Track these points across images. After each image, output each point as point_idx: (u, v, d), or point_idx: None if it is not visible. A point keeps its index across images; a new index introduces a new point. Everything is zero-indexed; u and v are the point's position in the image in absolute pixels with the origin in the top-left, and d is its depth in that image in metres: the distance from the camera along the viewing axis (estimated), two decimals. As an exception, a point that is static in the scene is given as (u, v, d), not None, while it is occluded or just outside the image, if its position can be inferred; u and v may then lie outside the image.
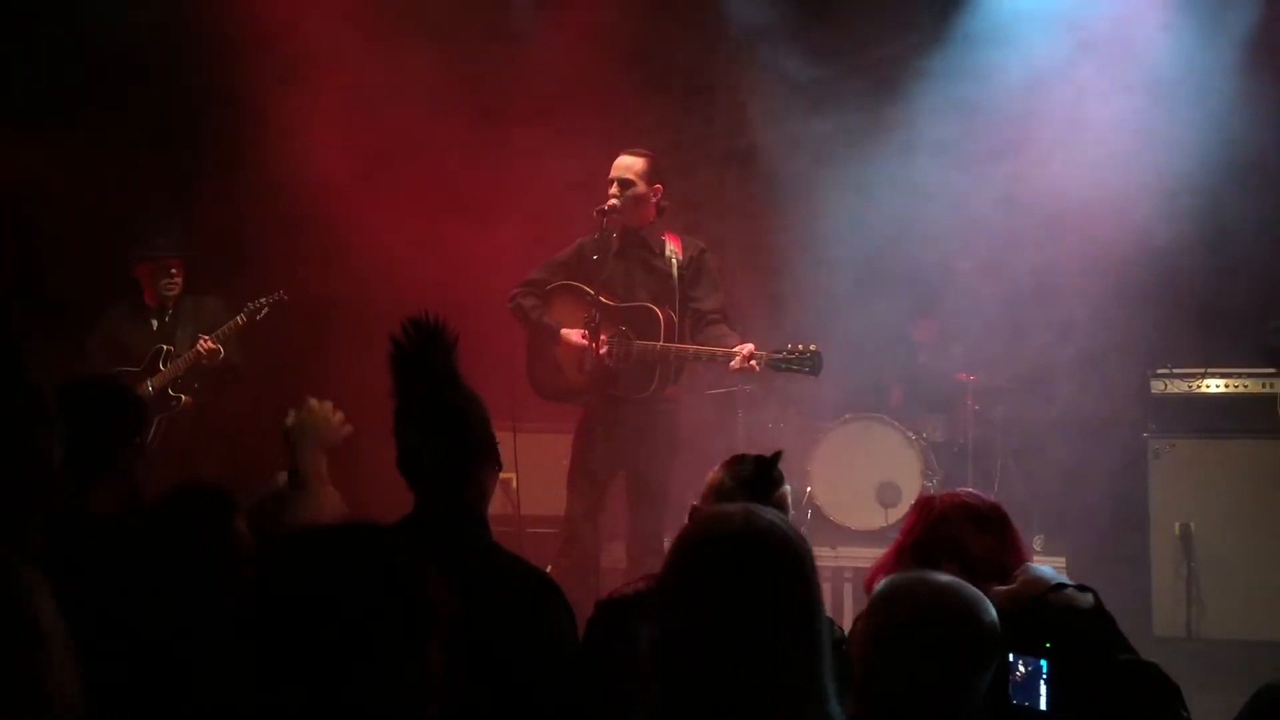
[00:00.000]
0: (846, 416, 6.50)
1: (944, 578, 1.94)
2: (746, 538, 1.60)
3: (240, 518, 2.11)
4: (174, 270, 5.66)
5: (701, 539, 1.65)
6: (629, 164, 4.70)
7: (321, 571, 1.46)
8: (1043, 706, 2.02)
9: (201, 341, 5.43)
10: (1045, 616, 2.13)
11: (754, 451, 2.64)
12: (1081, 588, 2.23)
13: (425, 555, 1.55)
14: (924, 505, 2.62)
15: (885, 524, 5.93)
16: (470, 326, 2.35)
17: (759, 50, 7.71)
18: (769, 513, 1.68)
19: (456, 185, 6.55)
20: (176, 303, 5.69)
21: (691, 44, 7.61)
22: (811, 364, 4.37)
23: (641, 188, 4.68)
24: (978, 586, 2.32)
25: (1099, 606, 2.25)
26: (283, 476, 2.53)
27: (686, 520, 2.56)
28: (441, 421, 2.20)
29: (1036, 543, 6.18)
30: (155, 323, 5.66)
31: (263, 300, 5.54)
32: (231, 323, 5.50)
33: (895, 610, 1.84)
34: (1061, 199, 7.39)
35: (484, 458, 2.26)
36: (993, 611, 1.88)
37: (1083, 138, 7.28)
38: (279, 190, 6.27)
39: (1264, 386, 5.43)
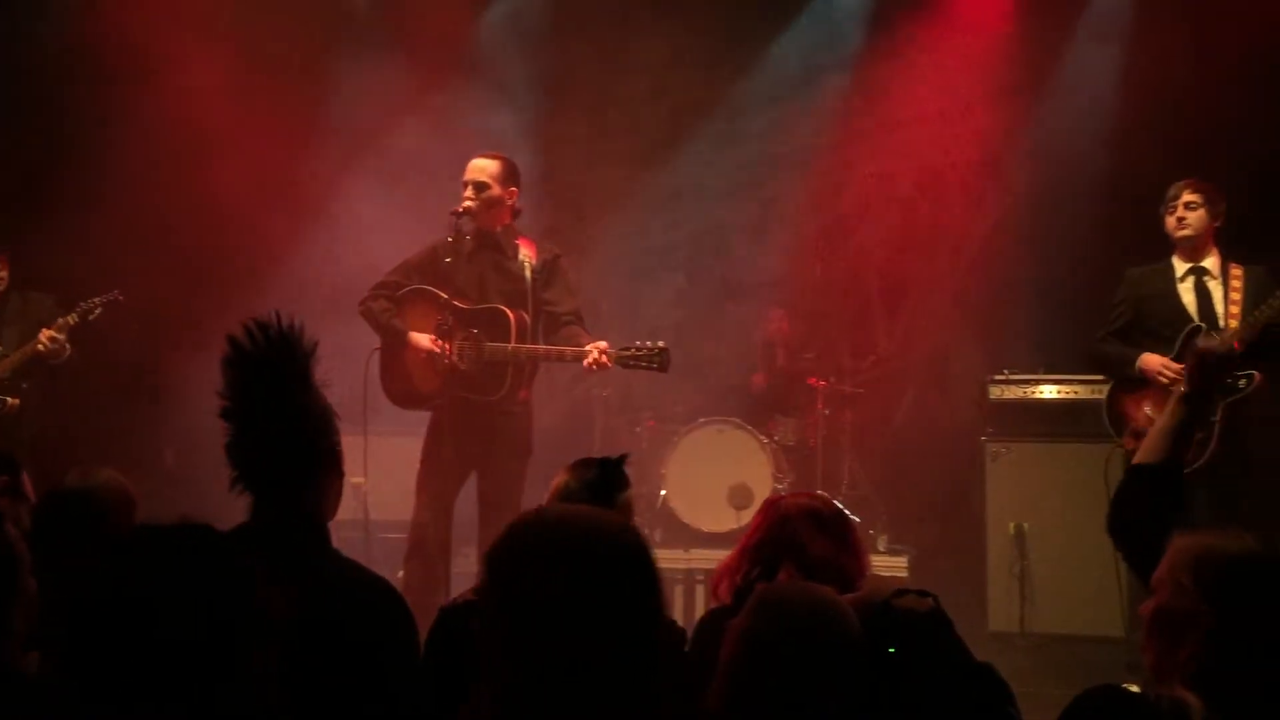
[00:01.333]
0: (701, 420, 6.58)
1: (819, 590, 1.96)
2: (554, 540, 1.52)
3: (9, 525, 1.96)
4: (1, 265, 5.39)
5: (510, 543, 1.54)
6: (484, 166, 4.67)
7: (151, 575, 1.41)
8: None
9: (43, 334, 5.16)
10: (889, 621, 2.19)
11: (610, 455, 2.63)
12: (922, 593, 2.30)
13: (259, 561, 1.52)
14: (769, 508, 2.67)
15: (737, 526, 6.02)
16: (321, 329, 2.29)
17: (620, 55, 7.78)
18: (587, 515, 1.60)
19: (305, 189, 6.42)
20: (3, 300, 5.41)
21: (550, 46, 7.61)
22: (659, 360, 4.40)
23: (496, 190, 4.65)
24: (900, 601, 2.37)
25: (938, 610, 2.32)
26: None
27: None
28: (283, 426, 2.13)
29: (880, 543, 6.36)
30: None
31: (96, 300, 5.31)
32: (62, 320, 5.24)
33: (771, 619, 1.85)
34: (906, 209, 7.65)
35: (326, 464, 2.21)
36: (857, 622, 1.91)
37: (925, 149, 7.55)
38: (118, 188, 6.05)
39: (1094, 392, 5.67)
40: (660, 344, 4.42)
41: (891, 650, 2.02)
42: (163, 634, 1.38)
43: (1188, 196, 4.64)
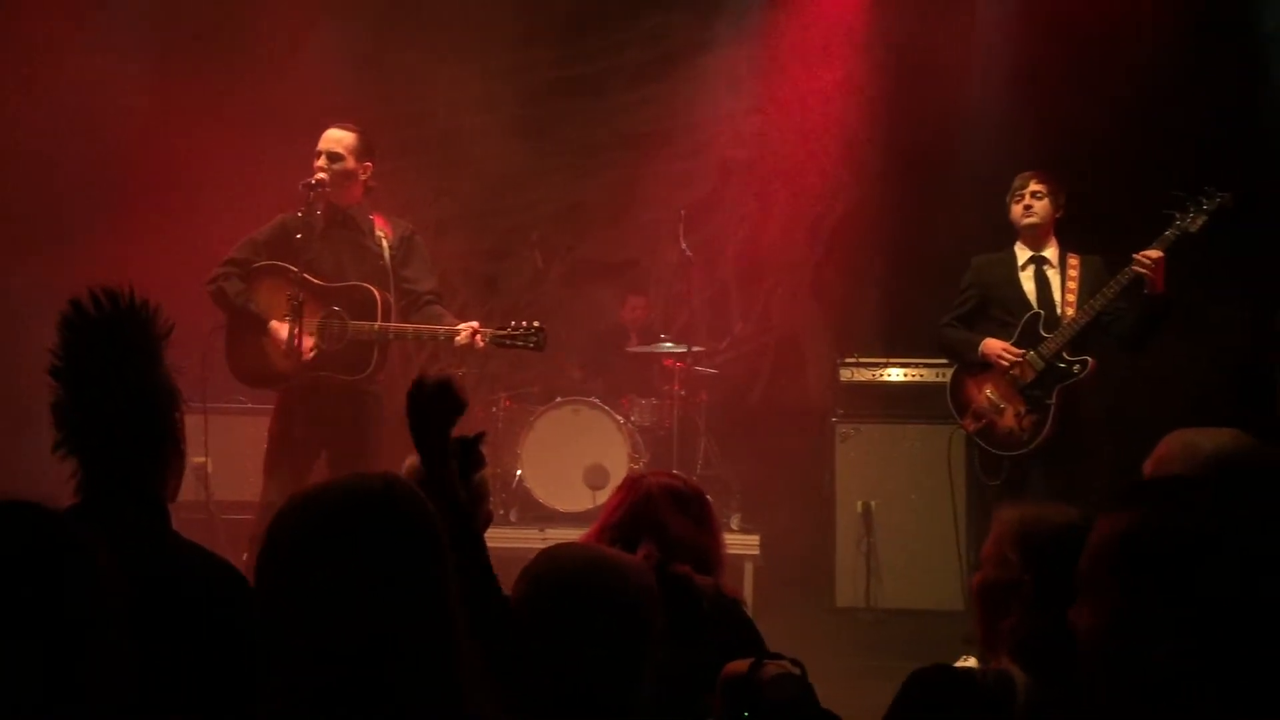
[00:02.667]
0: (558, 400, 6.56)
1: (589, 547, 1.96)
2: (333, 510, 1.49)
3: None
4: None
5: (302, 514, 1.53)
6: (338, 137, 4.51)
7: None
8: None
9: None
10: (751, 692, 2.19)
11: (466, 435, 2.58)
12: (776, 656, 2.33)
13: (96, 538, 1.44)
14: (631, 485, 2.65)
15: (593, 505, 6.02)
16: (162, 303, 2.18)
17: (479, 31, 7.66)
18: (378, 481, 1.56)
19: (148, 159, 6.13)
20: None
21: (409, 22, 7.43)
22: (536, 340, 4.35)
23: (351, 163, 4.51)
24: (670, 569, 2.38)
25: (803, 682, 2.35)
26: None
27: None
28: (123, 395, 2.03)
29: (733, 522, 6.45)
30: None
31: None
32: None
33: (544, 583, 1.82)
34: (763, 194, 7.77)
35: (167, 440, 2.11)
36: (647, 578, 1.89)
37: (783, 135, 7.67)
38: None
39: (938, 375, 5.87)
40: (536, 324, 4.37)
41: (746, 715, 2.01)
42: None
43: (1034, 186, 4.81)
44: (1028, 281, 4.83)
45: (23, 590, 1.33)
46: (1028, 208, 4.79)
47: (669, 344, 6.67)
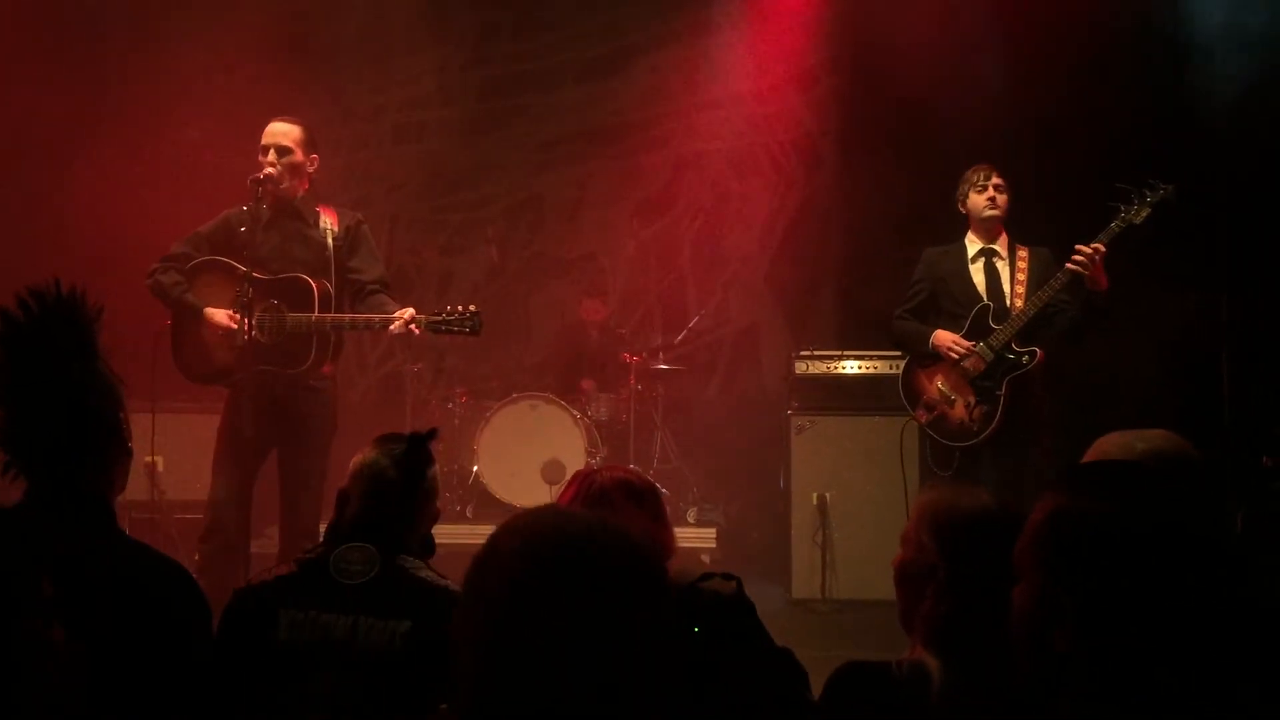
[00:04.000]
0: (514, 395, 6.55)
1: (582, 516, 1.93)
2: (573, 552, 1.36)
3: None
4: None
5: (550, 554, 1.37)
6: (285, 130, 4.47)
7: None
8: None
9: None
10: (695, 603, 2.20)
11: (419, 430, 2.56)
12: (727, 576, 2.34)
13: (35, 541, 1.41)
14: (583, 480, 2.64)
15: (550, 500, 6.01)
16: (105, 300, 2.15)
17: (436, 25, 7.62)
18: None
19: (91, 149, 6.04)
20: None
21: (364, 14, 7.38)
22: (471, 325, 4.32)
23: (299, 156, 4.47)
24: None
25: (741, 594, 2.35)
26: None
27: (337, 503, 2.48)
28: (58, 399, 1.99)
29: (690, 515, 6.48)
30: None
31: None
32: None
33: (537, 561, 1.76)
34: (718, 187, 7.79)
35: (110, 438, 2.08)
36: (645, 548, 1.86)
37: (737, 128, 7.69)
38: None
39: (892, 367, 5.90)
40: (472, 308, 4.34)
41: (696, 630, 2.03)
42: None
43: (997, 179, 4.84)
44: (978, 274, 4.87)
45: None
46: (992, 199, 4.82)
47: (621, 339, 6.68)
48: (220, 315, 4.33)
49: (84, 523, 1.98)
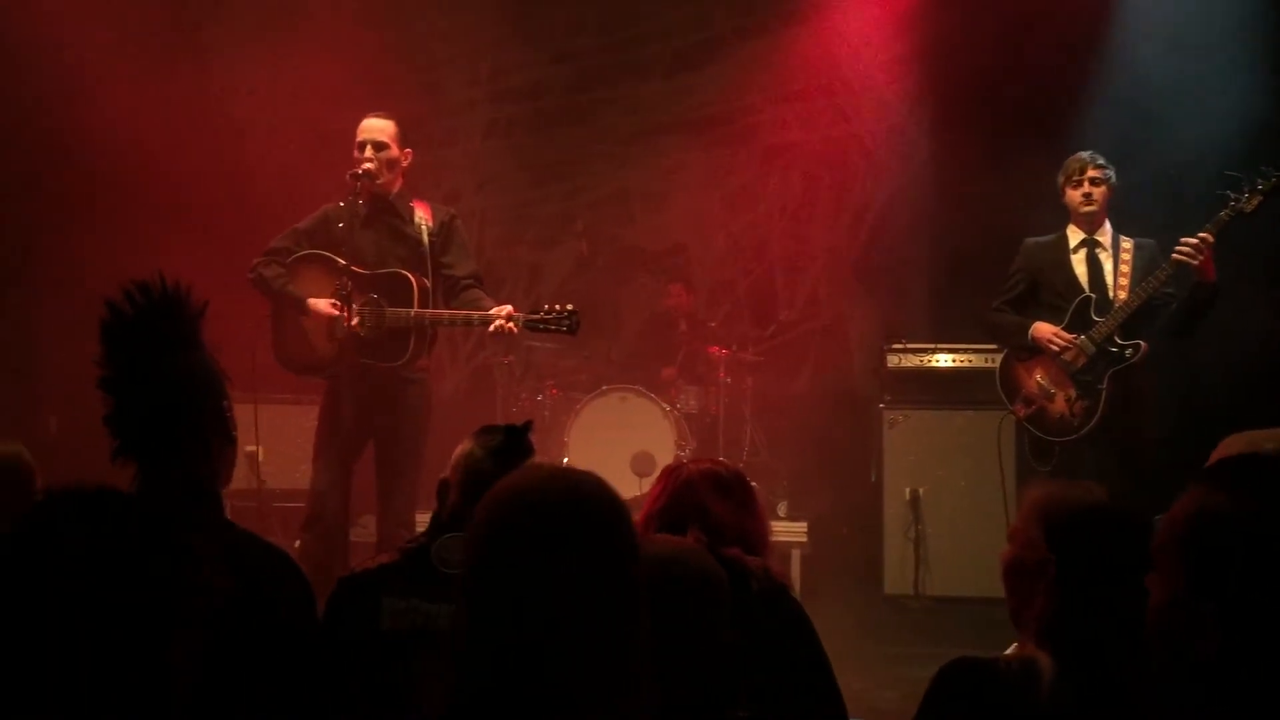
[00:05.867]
0: (603, 388, 6.56)
1: (666, 543, 1.94)
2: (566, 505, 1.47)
3: None
4: None
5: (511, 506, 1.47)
6: (382, 126, 4.53)
7: (80, 548, 1.33)
8: None
9: None
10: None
11: (515, 423, 2.59)
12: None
13: (149, 528, 1.44)
14: (671, 473, 2.65)
15: (640, 493, 6.01)
16: (207, 294, 2.19)
17: (524, 20, 7.67)
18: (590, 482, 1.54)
19: (193, 150, 6.20)
20: None
21: (453, 10, 7.46)
22: (569, 324, 4.34)
23: (394, 151, 4.54)
24: (720, 551, 2.38)
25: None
26: None
27: (438, 493, 2.51)
28: (168, 390, 2.04)
29: (780, 509, 6.44)
30: None
31: None
32: None
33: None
34: (807, 178, 7.71)
35: (216, 429, 2.12)
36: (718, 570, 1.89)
37: (826, 117, 7.61)
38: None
39: (987, 361, 5.81)
40: (569, 307, 4.36)
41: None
42: (72, 611, 1.30)
43: (1093, 172, 4.72)
44: (1079, 265, 4.76)
45: (123, 581, 1.32)
46: (1088, 195, 4.71)
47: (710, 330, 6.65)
48: (323, 304, 4.42)
49: (194, 511, 2.03)
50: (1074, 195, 4.75)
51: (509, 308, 4.34)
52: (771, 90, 7.62)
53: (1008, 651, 1.97)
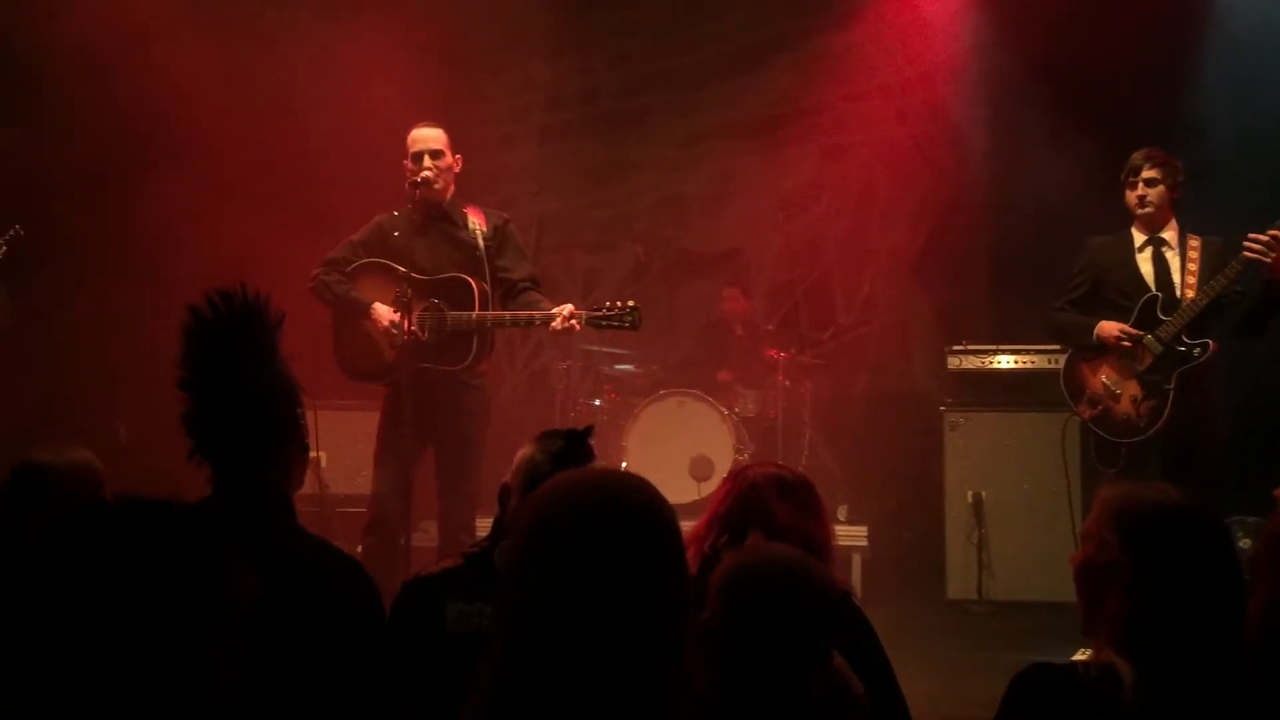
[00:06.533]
0: (661, 392, 6.57)
1: (785, 552, 1.94)
2: (613, 509, 1.48)
3: None
4: None
5: (562, 508, 1.50)
6: (435, 135, 4.58)
7: (109, 556, 1.35)
8: None
9: None
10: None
11: (570, 428, 2.60)
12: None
13: (226, 538, 1.46)
14: (736, 475, 2.65)
15: (698, 497, 6.02)
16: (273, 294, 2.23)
17: (579, 26, 7.70)
18: (634, 484, 1.56)
19: (251, 157, 6.29)
20: None
21: (507, 16, 7.50)
22: (631, 319, 4.34)
23: (449, 158, 4.58)
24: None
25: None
26: None
27: (500, 498, 2.53)
28: (246, 397, 2.08)
29: (840, 512, 6.39)
30: None
31: (1, 238, 5.15)
32: None
33: (752, 588, 1.82)
34: (865, 179, 7.66)
35: (289, 436, 2.16)
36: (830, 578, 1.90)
37: (884, 118, 7.55)
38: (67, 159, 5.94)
39: (1050, 361, 5.73)
40: (630, 303, 4.37)
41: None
42: (125, 621, 1.32)
43: (1148, 173, 4.64)
44: (1145, 263, 4.68)
45: (150, 589, 1.35)
46: (1142, 197, 4.63)
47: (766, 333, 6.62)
48: (386, 310, 4.46)
49: (268, 517, 2.07)
50: (1130, 196, 4.68)
51: (570, 306, 4.36)
52: (829, 91, 7.57)
53: (1081, 656, 1.94)
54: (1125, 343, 4.57)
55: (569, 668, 1.38)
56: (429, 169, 4.50)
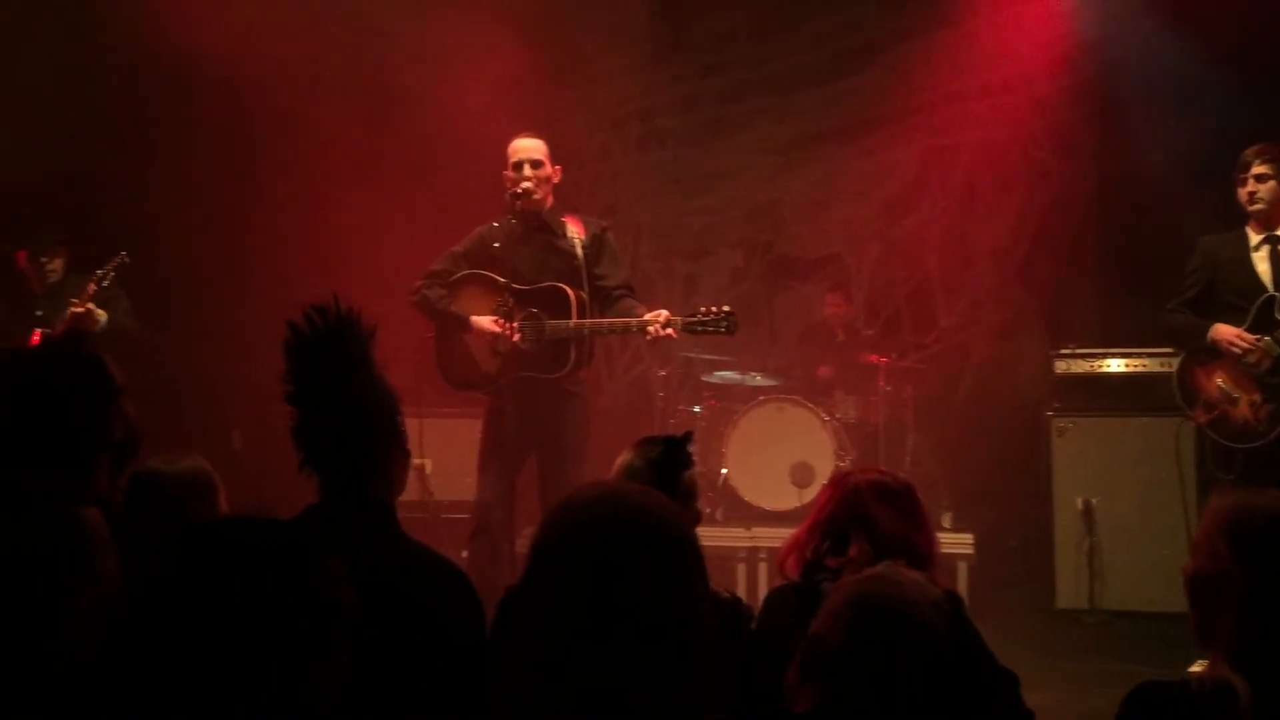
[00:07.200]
0: (761, 398, 6.54)
1: (908, 581, 1.90)
2: (611, 522, 1.46)
3: (92, 510, 1.95)
4: (53, 255, 5.48)
5: (563, 522, 1.50)
6: (536, 145, 4.64)
7: (213, 573, 1.38)
8: None
9: (72, 306, 5.24)
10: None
11: (669, 434, 2.61)
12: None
13: (329, 550, 1.49)
14: (839, 481, 2.63)
15: (799, 504, 5.98)
16: (371, 312, 2.29)
17: (674, 35, 7.73)
18: (639, 494, 1.53)
19: (354, 168, 6.45)
20: (61, 287, 5.49)
21: (608, 25, 7.56)
22: (727, 324, 4.34)
23: (548, 168, 4.64)
24: (885, 561, 2.35)
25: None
26: None
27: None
28: (346, 408, 2.14)
29: (945, 520, 6.28)
30: (40, 310, 5.46)
31: (108, 266, 5.35)
32: (85, 291, 5.30)
33: (869, 619, 1.79)
34: (966, 181, 7.54)
35: (390, 443, 2.21)
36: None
37: (986, 119, 7.42)
38: (178, 181, 6.15)
39: (1163, 365, 5.57)
40: (726, 308, 4.37)
41: None
42: (230, 635, 1.35)
43: (1258, 169, 4.50)
44: (1261, 263, 4.53)
45: (252, 602, 1.38)
46: (1252, 193, 4.49)
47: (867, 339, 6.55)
48: (486, 321, 4.54)
49: (372, 525, 2.12)
50: (1241, 193, 4.55)
51: (665, 313, 4.37)
52: (929, 92, 7.47)
53: (1197, 670, 1.88)
54: (1239, 348, 4.42)
55: (577, 688, 1.38)
56: (529, 179, 4.56)
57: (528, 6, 6.66)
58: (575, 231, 4.68)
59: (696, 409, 6.82)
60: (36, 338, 5.18)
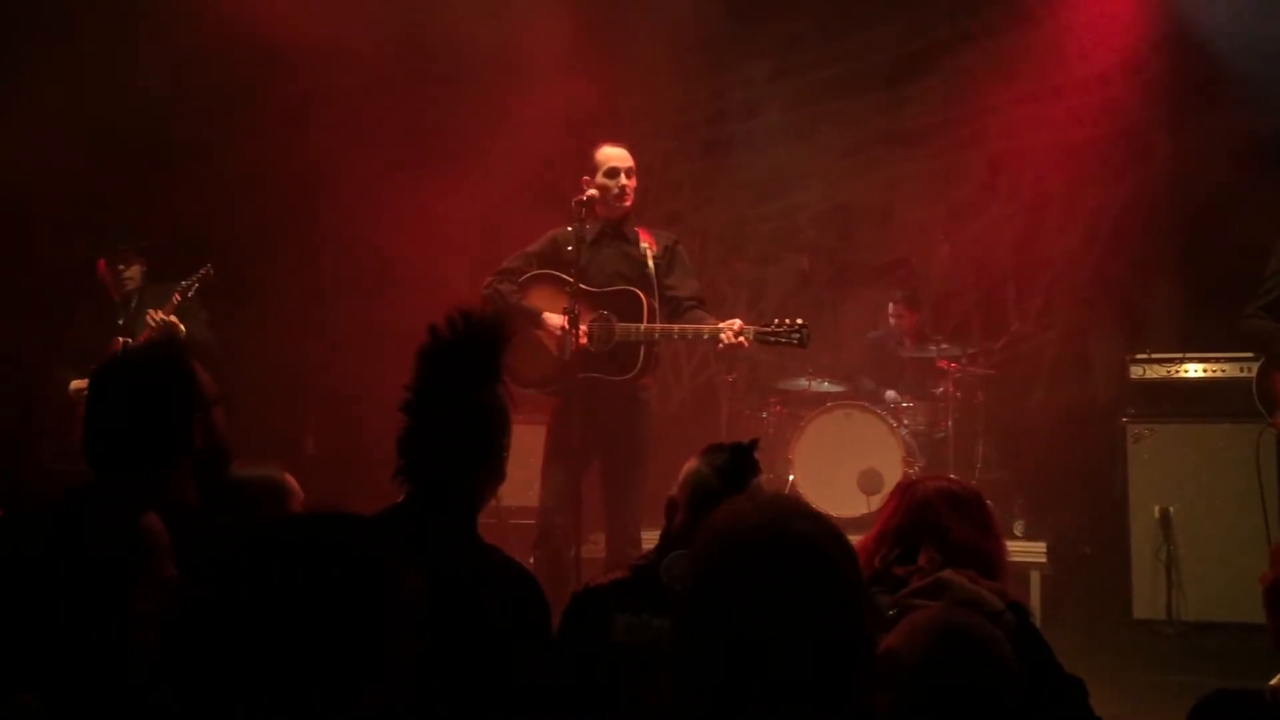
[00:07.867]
0: (829, 404, 6.49)
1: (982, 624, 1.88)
2: (777, 551, 1.45)
3: (151, 515, 1.98)
4: (130, 262, 5.57)
5: (728, 544, 1.48)
6: (625, 154, 4.70)
7: (277, 568, 1.40)
8: None
9: (150, 316, 5.32)
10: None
11: (741, 441, 2.60)
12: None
13: (397, 546, 1.51)
14: (906, 489, 2.60)
15: (868, 511, 5.93)
16: (437, 312, 2.29)
17: (739, 40, 7.71)
18: (801, 523, 1.53)
19: (417, 169, 6.50)
20: (139, 295, 5.59)
21: (672, 29, 7.57)
22: (800, 337, 4.35)
23: (634, 180, 4.70)
24: (957, 571, 2.32)
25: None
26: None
27: (666, 511, 2.55)
28: (460, 425, 2.13)
29: (1017, 528, 6.19)
30: (121, 319, 5.56)
31: (194, 278, 5.44)
32: (169, 303, 5.38)
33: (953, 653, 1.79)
34: (1038, 184, 7.43)
35: (490, 463, 2.22)
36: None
37: (1058, 121, 7.31)
38: (254, 178, 6.23)
39: (1242, 370, 5.44)
40: (799, 321, 4.37)
41: None
42: (296, 629, 1.37)
43: None
44: (1344, 264, 4.40)
45: (320, 596, 1.39)
46: None
47: (936, 348, 6.48)
48: (557, 318, 4.56)
49: (452, 529, 2.13)
50: None
51: (738, 322, 4.38)
52: (998, 95, 7.37)
53: (1273, 682, 1.84)
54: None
55: (739, 701, 1.36)
56: (627, 186, 4.62)
57: (593, 15, 6.68)
58: (647, 243, 4.71)
59: (763, 415, 6.80)
60: (118, 345, 5.29)
